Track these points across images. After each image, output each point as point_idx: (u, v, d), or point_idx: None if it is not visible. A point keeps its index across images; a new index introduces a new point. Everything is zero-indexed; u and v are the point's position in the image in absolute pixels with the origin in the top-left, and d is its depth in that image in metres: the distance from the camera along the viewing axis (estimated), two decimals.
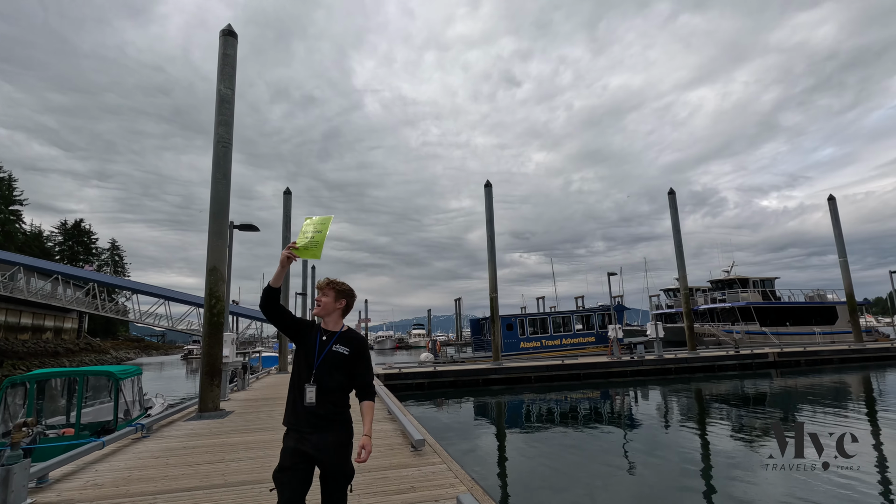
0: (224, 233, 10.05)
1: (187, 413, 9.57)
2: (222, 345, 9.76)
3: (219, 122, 10.34)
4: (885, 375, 20.65)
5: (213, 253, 9.86)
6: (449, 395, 18.56)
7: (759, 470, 8.00)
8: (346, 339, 2.77)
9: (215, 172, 10.12)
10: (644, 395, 17.91)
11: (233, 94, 10.57)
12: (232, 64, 10.62)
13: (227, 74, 10.51)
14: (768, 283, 33.63)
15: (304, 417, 2.62)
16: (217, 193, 10.03)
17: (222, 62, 10.52)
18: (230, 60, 10.57)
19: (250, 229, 12.67)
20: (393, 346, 77.19)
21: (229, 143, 10.35)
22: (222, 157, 10.20)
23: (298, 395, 2.66)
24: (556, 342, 26.02)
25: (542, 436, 11.69)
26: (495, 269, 21.27)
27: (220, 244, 9.95)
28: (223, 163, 10.18)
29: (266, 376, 19.13)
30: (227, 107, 10.42)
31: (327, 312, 2.81)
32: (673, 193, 24.35)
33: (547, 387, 19.62)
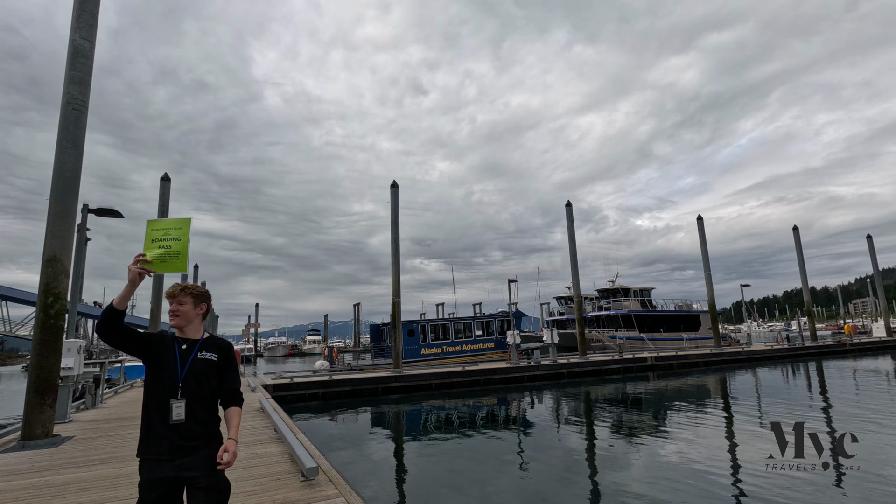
0: (70, 214, 8.11)
1: (4, 443, 7.50)
2: (60, 354, 7.82)
3: (71, 78, 8.40)
4: (735, 376, 23.42)
5: (54, 239, 7.91)
6: (346, 405, 17.37)
7: (636, 463, 8.74)
8: (211, 346, 2.64)
9: (62, 140, 8.16)
10: (539, 399, 18.33)
11: (91, 48, 8.67)
12: (93, 11, 8.72)
13: (86, 22, 8.61)
14: (646, 292, 37.04)
15: (168, 440, 2.37)
16: (63, 165, 8.09)
17: (80, 6, 8.59)
18: (90, 6, 8.67)
19: (111, 215, 10.58)
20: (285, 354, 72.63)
21: (83, 107, 8.44)
22: (73, 121, 8.27)
23: (159, 416, 2.41)
24: (456, 348, 25.93)
25: (443, 444, 11.23)
26: (399, 272, 20.55)
27: (65, 229, 8.02)
28: (74, 129, 8.26)
29: (128, 390, 16.39)
30: (82, 62, 8.51)
31: (188, 321, 2.64)
32: (570, 206, 25.59)
33: (447, 393, 19.28)
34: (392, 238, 20.81)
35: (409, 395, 18.80)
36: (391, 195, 21.29)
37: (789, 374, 23.18)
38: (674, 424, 12.45)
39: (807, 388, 18.45)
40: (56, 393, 7.76)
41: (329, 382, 17.86)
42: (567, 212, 25.49)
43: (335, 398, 17.81)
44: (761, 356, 28.75)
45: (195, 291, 2.68)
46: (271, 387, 16.95)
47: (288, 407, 16.42)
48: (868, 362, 27.21)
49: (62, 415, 8.97)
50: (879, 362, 26.99)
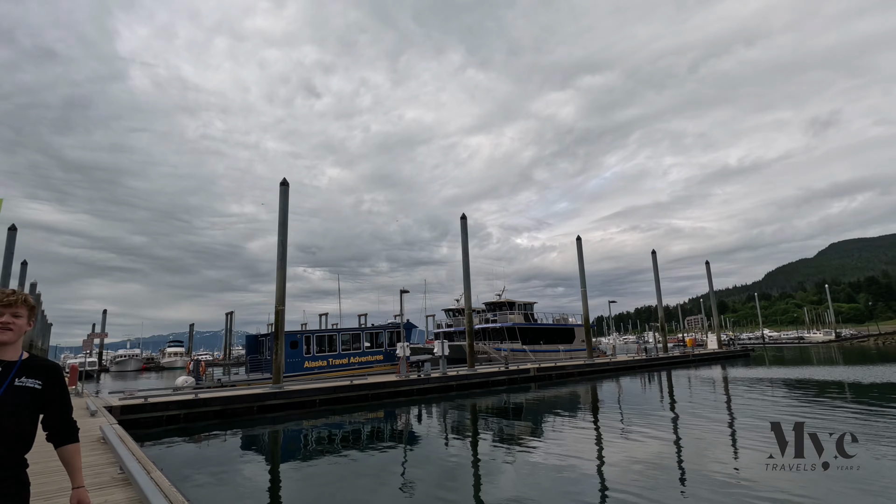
0: None
1: None
2: None
3: None
4: (604, 385, 25.46)
5: None
6: (215, 428, 15.24)
7: (514, 470, 9.27)
8: (33, 369, 2.17)
9: None
10: (429, 413, 18.02)
11: None
12: None
13: None
14: (529, 306, 39.07)
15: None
16: None
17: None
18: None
19: None
20: (138, 368, 63.43)
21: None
22: None
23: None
24: (343, 361, 24.53)
25: (327, 465, 10.33)
26: (284, 278, 18.87)
27: None
28: None
29: None
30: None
31: (18, 337, 2.20)
32: (465, 219, 25.92)
33: (333, 410, 18.02)
34: (279, 241, 19.08)
35: (291, 414, 17.17)
36: (280, 194, 19.58)
37: (647, 383, 25.84)
38: (551, 431, 13.25)
39: (660, 395, 20.61)
40: None
41: (193, 402, 15.57)
42: (462, 224, 25.78)
43: (201, 420, 15.56)
44: (626, 366, 31.72)
45: (31, 302, 2.28)
46: (118, 409, 14.28)
47: (141, 433, 13.95)
48: (705, 371, 31.47)
49: None
50: (713, 371, 31.31)
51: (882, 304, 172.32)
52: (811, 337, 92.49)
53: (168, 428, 14.87)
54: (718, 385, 23.32)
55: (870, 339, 68.72)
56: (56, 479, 5.73)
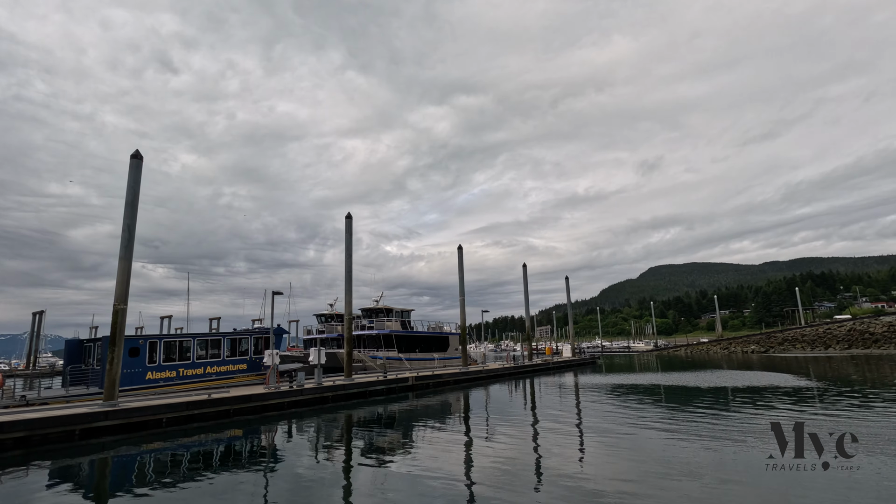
0: None
1: None
2: None
3: None
4: (476, 392, 25.91)
5: None
6: (13, 461, 11.59)
7: (390, 479, 9.24)
8: None
9: None
10: (300, 428, 16.30)
11: None
12: None
13: None
14: (406, 314, 38.48)
15: None
16: None
17: None
18: None
19: None
20: None
21: None
22: None
23: None
24: (198, 371, 20.96)
25: (168, 496, 8.40)
26: (129, 270, 15.50)
27: None
28: None
29: None
30: None
31: None
32: (350, 218, 24.42)
33: (184, 430, 15.13)
34: (125, 224, 15.61)
35: (130, 436, 13.95)
36: (131, 168, 16.12)
37: (517, 389, 27.00)
38: (424, 441, 13.19)
39: (529, 402, 21.57)
40: None
41: None
42: (346, 224, 24.22)
43: None
44: (497, 374, 32.82)
45: None
46: None
47: None
48: (566, 377, 34.05)
49: None
50: (570, 378, 34.01)
51: (684, 320, 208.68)
52: (636, 346, 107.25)
53: None
54: (579, 391, 25.12)
55: (681, 349, 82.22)
56: None
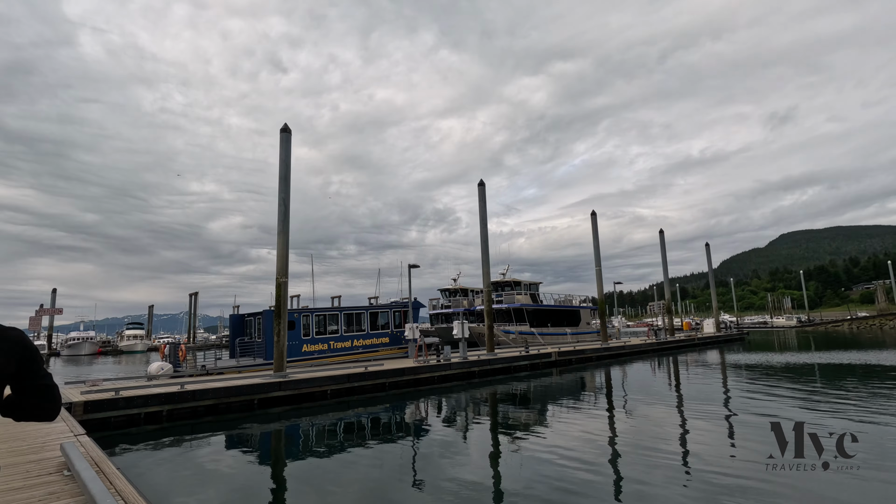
0: None
1: None
2: None
3: None
4: (622, 369, 23.53)
5: None
6: (205, 427, 12.03)
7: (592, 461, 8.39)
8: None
9: None
10: (448, 402, 15.74)
11: None
12: None
13: None
14: (535, 286, 36.75)
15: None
16: None
17: None
18: None
19: None
20: (94, 352, 58.00)
21: None
22: None
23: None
24: (346, 344, 21.35)
25: (361, 475, 7.86)
26: (287, 244, 15.55)
27: None
28: None
29: None
30: None
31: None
32: (483, 185, 23.05)
33: (346, 403, 15.05)
34: (280, 199, 15.67)
35: (298, 407, 14.09)
36: (281, 142, 16.11)
37: (664, 367, 24.15)
38: (571, 418, 12.32)
39: (672, 379, 18.69)
40: None
41: (180, 395, 12.24)
42: (479, 191, 22.90)
43: (190, 417, 12.28)
44: (639, 350, 29.93)
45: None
46: (80, 405, 10.85)
47: (111, 436, 10.61)
48: (712, 355, 30.07)
49: None
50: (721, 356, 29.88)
51: (830, 292, 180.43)
52: (776, 321, 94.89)
53: (147, 429, 11.53)
54: (735, 371, 21.51)
55: (842, 324, 70.51)
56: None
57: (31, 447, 6.21)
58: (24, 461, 5.52)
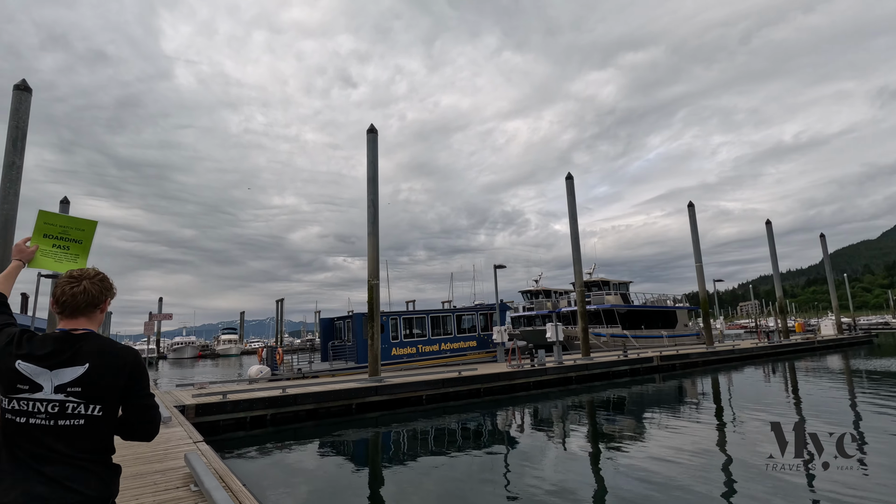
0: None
1: None
2: None
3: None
4: (733, 374, 21.00)
5: None
6: (308, 432, 11.87)
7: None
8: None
9: None
10: (546, 410, 14.72)
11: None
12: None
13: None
14: (624, 286, 34.46)
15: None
16: None
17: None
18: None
19: None
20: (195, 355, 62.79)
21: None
22: None
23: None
24: (434, 347, 20.91)
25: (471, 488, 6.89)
26: (377, 245, 15.26)
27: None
28: None
29: None
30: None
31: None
32: (571, 178, 21.69)
33: (441, 408, 14.42)
34: (369, 200, 15.44)
35: (394, 413, 13.65)
36: (368, 143, 15.91)
37: (773, 374, 21.26)
38: (678, 430, 10.81)
39: (789, 389, 15.90)
40: None
41: (282, 399, 12.19)
42: (567, 185, 21.57)
43: (292, 422, 12.20)
44: (751, 355, 26.87)
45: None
46: (192, 408, 11.03)
47: (220, 439, 10.68)
48: (834, 360, 26.24)
49: None
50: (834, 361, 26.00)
51: None
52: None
53: (253, 433, 11.55)
54: (876, 381, 18.28)
55: None
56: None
57: (155, 453, 6.02)
58: (150, 471, 5.27)
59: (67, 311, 1.72)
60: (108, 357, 1.67)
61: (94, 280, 1.77)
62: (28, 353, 1.63)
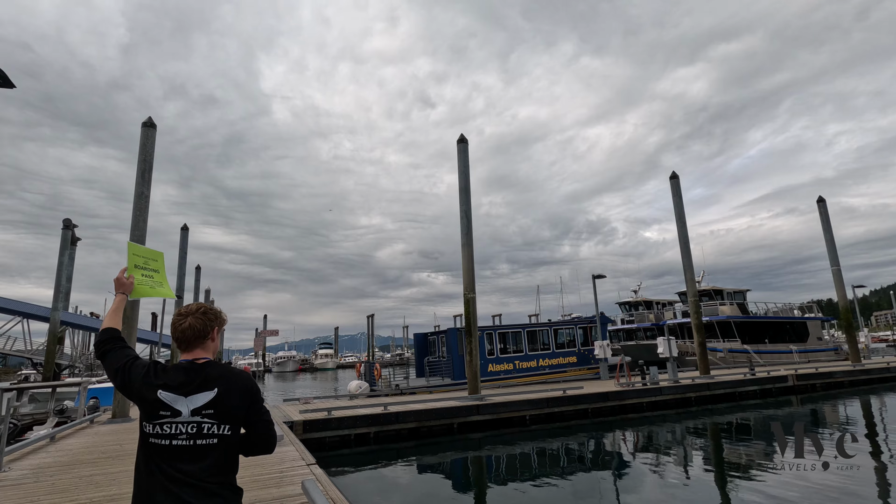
0: None
1: None
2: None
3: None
4: (892, 397, 17.53)
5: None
6: (411, 451, 11.50)
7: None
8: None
9: None
10: (663, 435, 13.02)
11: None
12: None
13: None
14: (741, 294, 30.90)
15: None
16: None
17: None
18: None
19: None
20: (296, 369, 66.61)
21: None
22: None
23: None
24: (531, 364, 19.89)
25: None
26: (472, 256, 14.75)
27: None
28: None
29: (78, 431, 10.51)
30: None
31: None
32: (676, 178, 19.82)
33: (546, 430, 13.41)
34: (462, 211, 15.04)
35: (498, 434, 12.89)
36: (459, 153, 15.61)
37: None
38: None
39: None
40: None
41: (384, 417, 11.96)
42: (672, 185, 19.73)
43: (394, 441, 11.91)
44: None
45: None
46: (300, 424, 11.12)
47: (326, 456, 10.62)
48: None
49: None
50: None
51: None
52: None
53: (358, 450, 11.40)
54: None
55: None
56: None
57: (271, 476, 5.84)
58: (268, 497, 5.03)
59: (183, 345, 1.94)
60: (232, 382, 1.88)
61: (196, 315, 1.95)
62: (165, 383, 1.83)
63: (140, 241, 12.22)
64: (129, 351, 1.99)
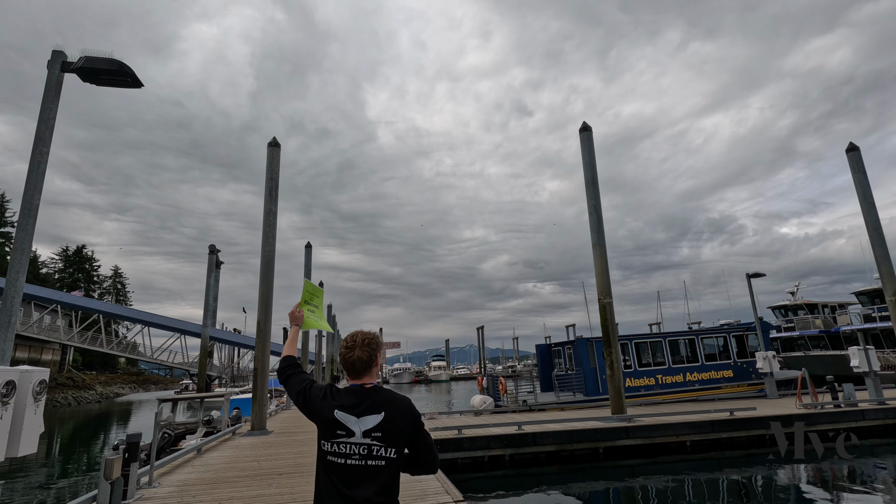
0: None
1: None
2: None
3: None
4: None
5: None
6: (551, 478, 10.11)
7: None
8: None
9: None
10: (893, 469, 9.75)
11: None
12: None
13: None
14: None
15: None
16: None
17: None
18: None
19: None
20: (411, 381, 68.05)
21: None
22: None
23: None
24: (676, 378, 17.24)
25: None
26: (605, 256, 13.04)
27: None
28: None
29: (222, 443, 10.74)
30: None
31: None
32: (856, 149, 16.21)
33: (712, 459, 11.15)
34: (590, 206, 13.46)
35: (654, 462, 10.96)
36: (582, 141, 14.09)
37: None
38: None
39: None
40: None
41: (519, 438, 10.72)
42: (851, 159, 16.07)
43: (532, 465, 10.60)
44: None
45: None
46: None
47: (459, 479, 9.66)
48: None
49: None
50: None
51: None
52: None
53: (493, 474, 10.29)
54: None
55: None
56: None
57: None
58: None
59: (351, 373, 2.09)
60: (397, 407, 1.99)
61: (362, 347, 2.07)
62: (340, 404, 1.98)
63: (270, 256, 12.54)
64: (307, 375, 2.18)
